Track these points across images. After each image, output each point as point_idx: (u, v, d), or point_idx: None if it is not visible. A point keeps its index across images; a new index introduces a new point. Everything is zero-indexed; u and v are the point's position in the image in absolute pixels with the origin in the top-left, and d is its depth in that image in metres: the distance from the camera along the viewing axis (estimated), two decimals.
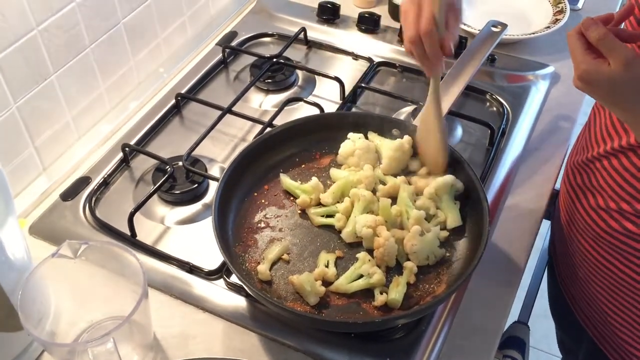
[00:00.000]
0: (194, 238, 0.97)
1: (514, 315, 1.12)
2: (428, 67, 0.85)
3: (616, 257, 0.88)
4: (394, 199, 0.91)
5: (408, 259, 0.85)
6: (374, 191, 0.92)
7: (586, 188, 0.91)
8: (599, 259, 0.91)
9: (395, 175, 0.95)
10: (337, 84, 1.18)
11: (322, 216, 0.91)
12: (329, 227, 0.91)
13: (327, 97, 1.20)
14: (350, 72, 1.26)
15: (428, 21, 0.79)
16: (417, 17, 0.80)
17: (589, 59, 0.69)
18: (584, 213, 0.91)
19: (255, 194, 0.95)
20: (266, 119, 1.11)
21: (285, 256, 0.87)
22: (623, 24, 0.79)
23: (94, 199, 1.01)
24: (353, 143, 0.96)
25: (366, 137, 0.98)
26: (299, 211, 0.93)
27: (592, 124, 0.92)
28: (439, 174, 0.91)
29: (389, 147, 0.95)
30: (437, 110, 0.90)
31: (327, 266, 0.85)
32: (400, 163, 0.96)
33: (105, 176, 1.04)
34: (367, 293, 0.83)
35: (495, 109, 1.18)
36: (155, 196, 1.00)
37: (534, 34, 1.28)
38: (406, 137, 0.96)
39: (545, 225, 1.11)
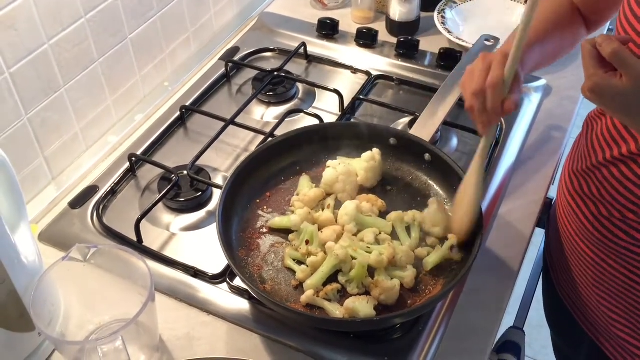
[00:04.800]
0: (198, 244, 1.00)
1: (510, 321, 1.14)
2: (484, 123, 0.82)
3: (622, 263, 0.87)
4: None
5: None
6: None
7: (587, 197, 0.90)
8: (602, 266, 0.90)
9: (372, 188, 0.98)
10: (336, 97, 1.22)
11: (294, 260, 0.90)
12: None
13: (326, 109, 1.24)
14: (349, 85, 1.30)
15: (497, 76, 0.79)
16: (485, 73, 0.80)
17: (600, 72, 0.69)
18: (585, 221, 0.91)
19: (258, 200, 0.98)
20: (268, 129, 1.14)
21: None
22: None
23: (101, 206, 1.04)
24: (334, 170, 0.97)
25: (370, 149, 0.99)
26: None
27: (590, 130, 0.91)
28: (459, 238, 0.89)
29: (361, 160, 0.98)
30: (480, 170, 0.87)
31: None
32: (375, 173, 0.98)
33: (113, 185, 1.08)
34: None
35: None
36: (160, 204, 1.03)
37: None
38: (375, 149, 0.98)
39: (539, 233, 1.14)
